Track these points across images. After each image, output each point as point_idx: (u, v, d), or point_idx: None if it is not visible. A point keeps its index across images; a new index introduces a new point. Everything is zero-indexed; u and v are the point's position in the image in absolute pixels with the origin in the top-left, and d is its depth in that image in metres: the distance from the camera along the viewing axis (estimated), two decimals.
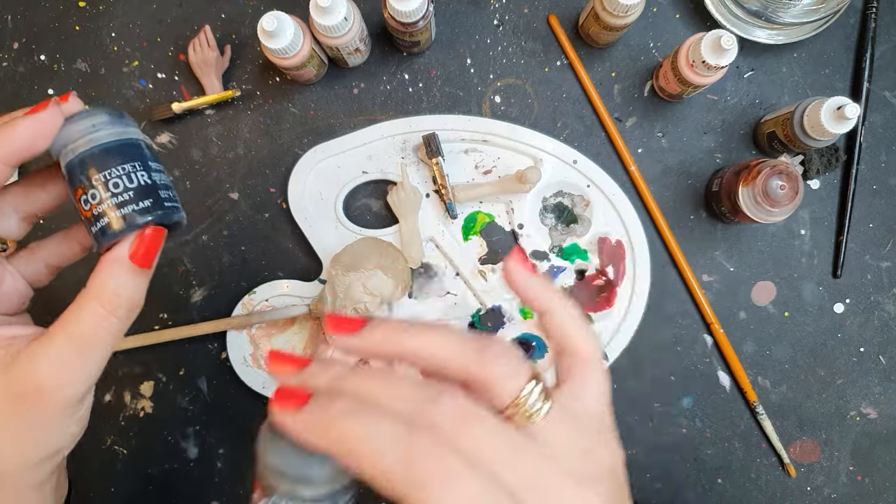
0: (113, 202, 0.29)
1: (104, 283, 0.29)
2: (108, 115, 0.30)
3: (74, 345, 0.29)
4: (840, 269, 0.55)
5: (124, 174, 0.30)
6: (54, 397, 0.29)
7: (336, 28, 0.46)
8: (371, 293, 0.51)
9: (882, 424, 0.55)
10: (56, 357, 0.29)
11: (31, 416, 0.29)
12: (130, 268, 0.29)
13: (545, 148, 0.53)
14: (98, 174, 0.29)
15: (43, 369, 0.29)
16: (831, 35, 0.55)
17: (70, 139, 0.30)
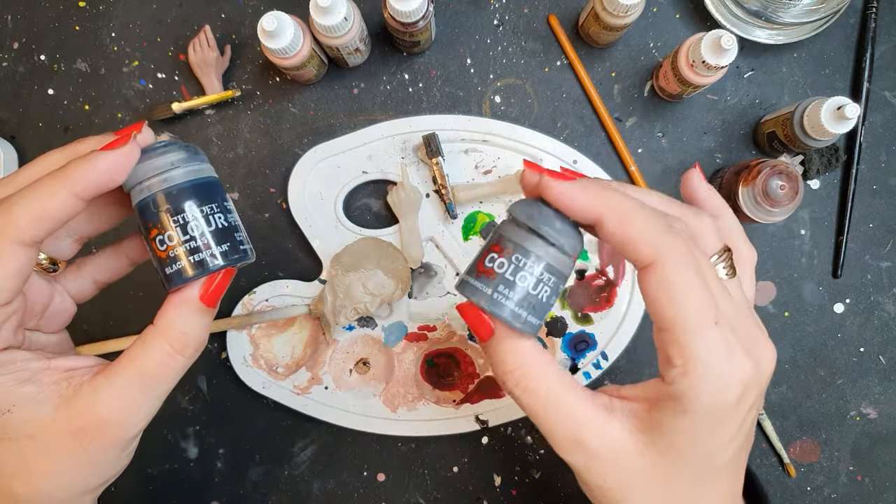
0: (189, 246, 0.29)
1: (173, 322, 0.30)
2: (185, 151, 0.30)
3: (141, 381, 0.30)
4: (840, 269, 0.55)
5: (202, 216, 0.29)
6: (115, 432, 0.30)
7: (336, 28, 0.46)
8: (371, 293, 0.51)
9: (882, 424, 0.55)
10: (121, 392, 0.29)
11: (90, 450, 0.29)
12: (200, 308, 0.30)
13: (545, 148, 0.53)
14: (176, 216, 0.29)
15: (107, 404, 0.29)
16: (831, 35, 0.55)
17: (144, 175, 0.29)
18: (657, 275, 0.27)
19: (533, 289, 0.30)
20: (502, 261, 0.30)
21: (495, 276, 0.30)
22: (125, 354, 0.30)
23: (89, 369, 0.30)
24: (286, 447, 0.55)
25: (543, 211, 0.30)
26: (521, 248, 0.30)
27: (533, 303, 0.30)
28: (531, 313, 0.30)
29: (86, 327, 0.55)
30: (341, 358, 0.54)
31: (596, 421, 0.29)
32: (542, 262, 0.30)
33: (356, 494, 0.55)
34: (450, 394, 0.54)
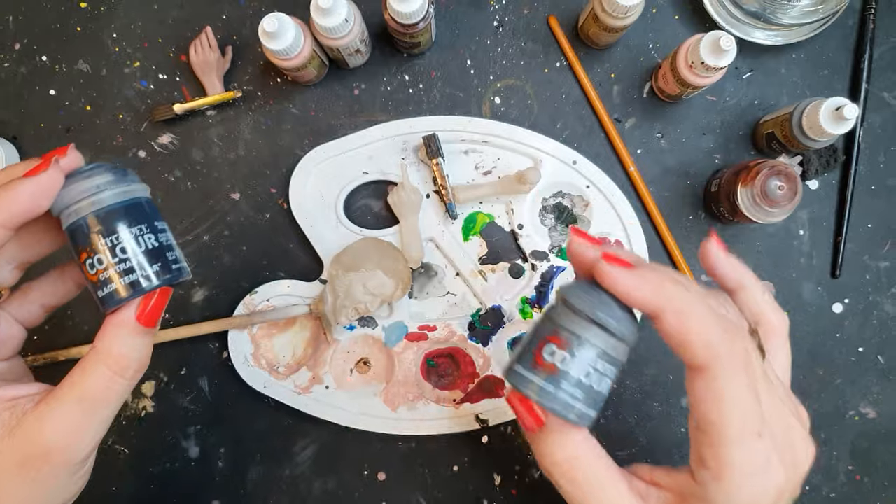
0: (120, 268, 0.29)
1: (111, 346, 0.29)
2: (112, 173, 0.29)
3: (83, 407, 0.29)
4: (839, 269, 0.55)
5: (132, 237, 0.29)
6: (62, 458, 0.29)
7: (337, 29, 0.47)
8: (371, 293, 0.51)
9: (881, 424, 0.55)
10: (64, 419, 0.29)
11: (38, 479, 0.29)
12: (137, 329, 0.29)
13: (545, 148, 0.53)
14: (104, 239, 0.29)
15: (51, 431, 0.29)
16: (830, 36, 0.55)
17: (72, 199, 0.29)
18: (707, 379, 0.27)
19: (597, 384, 0.29)
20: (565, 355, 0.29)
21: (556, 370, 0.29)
22: (66, 380, 0.29)
23: (32, 397, 0.30)
24: (287, 447, 0.55)
25: (603, 299, 0.29)
26: (580, 338, 0.29)
27: (589, 394, 0.29)
28: (591, 408, 0.29)
29: (86, 328, 0.55)
30: (342, 358, 0.54)
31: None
32: (602, 352, 0.29)
33: (357, 494, 0.55)
34: (450, 393, 0.54)
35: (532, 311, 0.54)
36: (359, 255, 0.51)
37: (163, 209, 0.55)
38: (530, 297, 0.54)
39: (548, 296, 0.54)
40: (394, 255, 0.52)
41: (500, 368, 0.54)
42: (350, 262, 0.51)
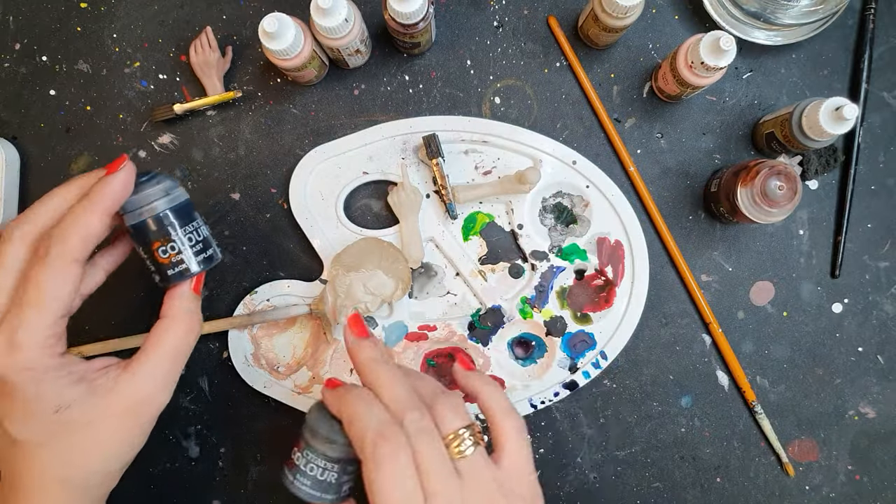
0: (191, 252, 0.39)
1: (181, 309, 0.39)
2: (171, 180, 0.39)
3: (169, 358, 0.38)
4: (838, 269, 0.55)
5: (194, 230, 0.40)
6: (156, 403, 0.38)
7: (337, 29, 0.47)
8: (371, 293, 0.51)
9: (880, 424, 0.55)
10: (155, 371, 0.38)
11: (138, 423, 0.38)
12: (194, 297, 0.40)
13: (545, 149, 0.53)
14: (178, 230, 0.39)
15: (146, 382, 0.37)
16: (830, 36, 0.55)
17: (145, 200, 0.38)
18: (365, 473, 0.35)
19: (321, 475, 0.40)
20: (299, 454, 0.41)
21: (294, 467, 0.41)
22: (149, 343, 0.38)
23: (117, 364, 0.38)
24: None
25: (324, 413, 0.40)
26: (309, 445, 0.40)
27: (323, 485, 0.40)
28: (324, 492, 0.40)
29: (87, 327, 0.55)
30: (342, 357, 0.54)
31: None
32: (324, 455, 0.40)
33: (357, 493, 0.55)
34: None
35: (532, 311, 0.54)
36: (359, 254, 0.52)
37: None
38: (530, 297, 0.54)
39: (548, 296, 0.54)
40: (394, 255, 0.52)
41: (500, 368, 0.54)
42: (350, 261, 0.51)
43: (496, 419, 0.39)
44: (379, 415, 0.36)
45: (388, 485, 0.35)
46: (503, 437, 0.39)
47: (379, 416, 0.36)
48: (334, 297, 0.51)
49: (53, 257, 0.34)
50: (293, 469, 0.41)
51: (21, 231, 0.36)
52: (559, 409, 0.55)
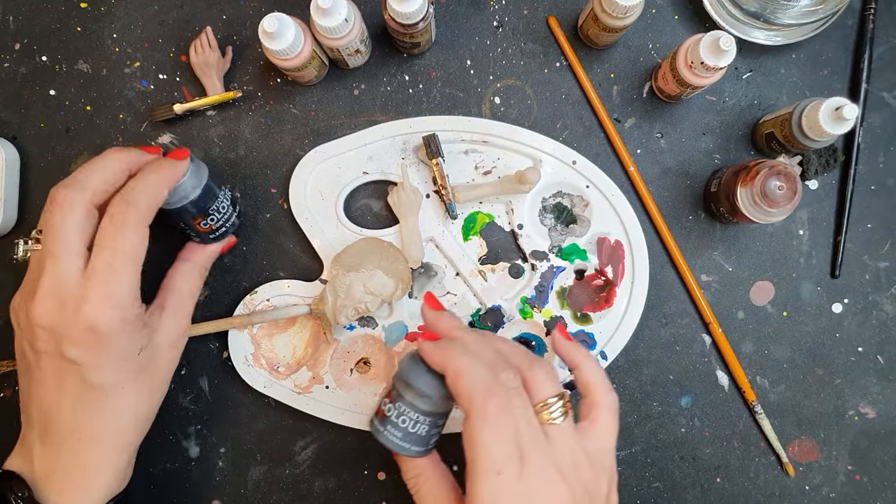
0: (223, 220, 0.49)
1: (200, 263, 0.49)
2: (196, 164, 0.46)
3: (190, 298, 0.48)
4: (838, 269, 0.55)
5: (223, 202, 0.48)
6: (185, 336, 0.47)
7: (337, 29, 0.47)
8: (372, 293, 0.51)
9: (880, 424, 0.55)
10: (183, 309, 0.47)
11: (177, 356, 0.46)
12: (215, 255, 0.51)
13: (544, 149, 0.53)
14: (213, 204, 0.47)
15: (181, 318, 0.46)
16: (830, 36, 0.55)
17: (182, 190, 0.45)
18: (467, 425, 0.36)
19: (412, 428, 0.41)
20: (390, 406, 0.41)
21: (385, 417, 0.41)
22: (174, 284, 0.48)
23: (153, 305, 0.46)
24: (287, 446, 0.55)
25: (418, 367, 0.41)
26: (401, 397, 0.41)
27: (413, 437, 0.41)
28: (413, 444, 0.41)
29: None
30: (342, 357, 0.54)
31: None
32: (417, 407, 0.40)
33: (357, 493, 0.55)
34: None
35: (532, 311, 0.54)
36: (359, 254, 0.52)
37: None
38: (530, 296, 0.54)
39: (547, 296, 0.54)
40: (394, 255, 0.52)
41: None
42: (350, 262, 0.51)
43: (596, 393, 0.40)
44: (485, 370, 0.37)
45: (494, 440, 0.35)
46: (597, 410, 0.40)
47: (485, 372, 0.37)
48: (334, 297, 0.51)
49: (134, 222, 0.40)
50: (384, 420, 0.41)
51: (81, 198, 0.39)
52: None
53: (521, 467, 0.35)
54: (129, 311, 0.40)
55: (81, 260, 0.39)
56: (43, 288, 0.39)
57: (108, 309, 0.39)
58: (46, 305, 0.39)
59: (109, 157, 0.42)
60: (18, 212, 0.55)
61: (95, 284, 0.39)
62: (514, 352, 0.41)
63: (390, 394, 0.42)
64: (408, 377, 0.40)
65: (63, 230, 0.39)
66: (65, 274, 0.39)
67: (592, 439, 0.39)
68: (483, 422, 0.35)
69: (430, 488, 0.41)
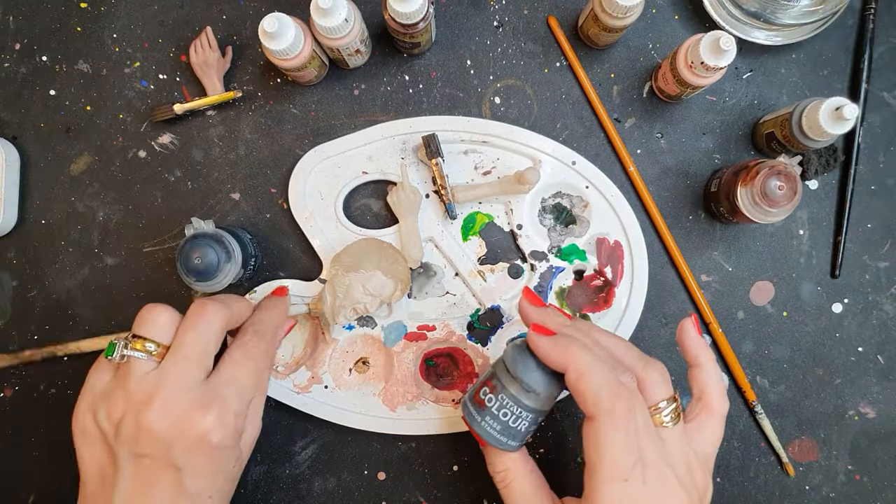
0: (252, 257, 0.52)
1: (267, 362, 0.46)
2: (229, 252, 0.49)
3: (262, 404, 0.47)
4: (838, 269, 0.55)
5: (248, 246, 0.52)
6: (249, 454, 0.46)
7: (337, 29, 0.47)
8: (371, 294, 0.51)
9: (880, 424, 0.55)
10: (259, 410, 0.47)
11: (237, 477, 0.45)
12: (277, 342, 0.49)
13: (544, 149, 0.53)
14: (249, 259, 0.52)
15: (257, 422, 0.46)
16: (830, 36, 0.55)
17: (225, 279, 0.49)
18: (591, 427, 0.35)
19: (513, 422, 0.39)
20: (491, 396, 0.39)
21: (485, 407, 0.39)
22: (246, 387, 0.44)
23: None
24: (287, 446, 0.55)
25: (527, 361, 0.39)
26: (505, 389, 0.39)
27: (512, 432, 0.39)
28: (511, 439, 0.39)
29: (87, 327, 0.55)
30: (341, 357, 0.54)
31: None
32: (521, 403, 0.38)
33: (357, 493, 0.55)
34: (449, 393, 0.54)
35: None
36: (358, 255, 0.52)
37: (163, 209, 0.55)
38: None
39: (547, 296, 0.54)
40: (393, 255, 0.52)
41: None
42: (349, 262, 0.51)
43: (713, 398, 0.40)
44: (608, 371, 0.36)
45: (622, 445, 0.35)
46: (711, 415, 0.39)
47: (609, 373, 0.36)
48: (333, 296, 0.51)
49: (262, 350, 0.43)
50: (483, 409, 0.39)
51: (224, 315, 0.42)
52: (559, 409, 0.55)
53: (643, 473, 0.35)
54: (241, 421, 0.41)
55: (207, 369, 0.41)
56: (165, 393, 0.39)
57: (224, 424, 0.40)
58: (166, 413, 0.38)
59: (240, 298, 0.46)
60: (18, 212, 0.55)
61: (222, 392, 0.40)
62: (627, 351, 0.39)
63: (490, 382, 0.40)
64: (516, 370, 0.38)
65: (202, 342, 0.40)
66: (191, 380, 0.39)
67: (700, 443, 0.39)
68: (612, 426, 0.35)
69: (520, 483, 0.40)
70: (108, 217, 0.55)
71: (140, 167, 0.55)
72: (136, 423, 0.38)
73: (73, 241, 0.55)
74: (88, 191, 0.55)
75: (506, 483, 0.41)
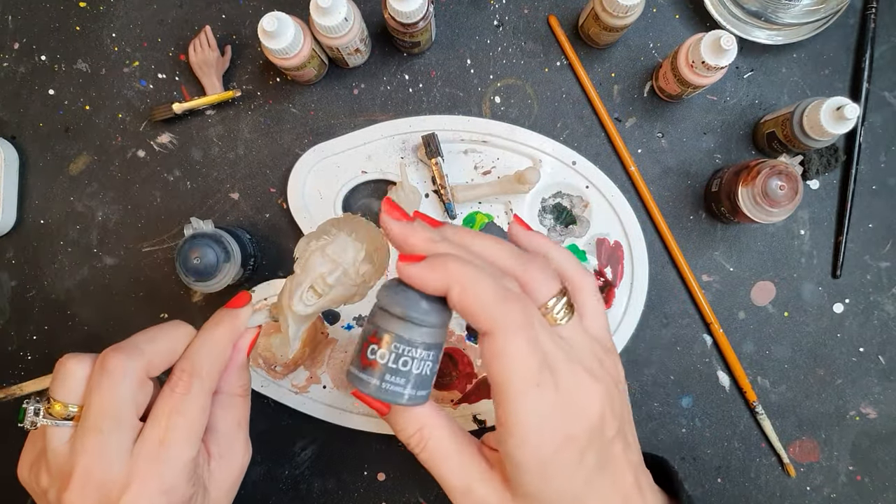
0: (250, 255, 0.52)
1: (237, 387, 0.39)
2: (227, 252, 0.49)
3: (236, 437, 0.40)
4: (839, 269, 0.55)
5: (247, 246, 0.52)
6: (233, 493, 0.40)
7: (336, 28, 0.46)
8: (332, 259, 0.40)
9: (881, 424, 0.55)
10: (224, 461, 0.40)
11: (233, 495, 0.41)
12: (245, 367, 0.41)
13: (544, 149, 0.53)
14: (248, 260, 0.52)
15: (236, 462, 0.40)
16: (831, 35, 0.55)
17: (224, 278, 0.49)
18: (490, 343, 0.31)
19: (416, 368, 0.33)
20: (382, 351, 0.33)
21: (377, 366, 0.33)
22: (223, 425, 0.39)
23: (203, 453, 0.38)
24: (286, 447, 0.55)
25: (408, 294, 0.33)
26: (396, 335, 0.33)
27: (417, 379, 0.33)
28: (418, 388, 0.33)
29: (86, 327, 0.55)
30: (339, 357, 0.54)
31: (481, 473, 0.34)
32: (419, 343, 0.33)
33: (356, 494, 0.55)
34: (448, 393, 0.54)
35: None
36: (328, 224, 0.41)
37: (162, 209, 0.55)
38: None
39: None
40: (372, 229, 0.41)
41: None
42: (318, 231, 0.41)
43: (574, 278, 0.36)
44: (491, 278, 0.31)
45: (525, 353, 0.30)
46: (582, 294, 0.36)
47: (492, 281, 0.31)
48: (292, 278, 0.40)
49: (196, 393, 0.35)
50: (375, 369, 0.33)
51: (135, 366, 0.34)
52: None
53: (553, 378, 0.31)
54: (180, 494, 0.35)
55: (132, 434, 0.34)
56: (81, 471, 0.33)
57: (156, 495, 0.34)
58: (85, 492, 0.33)
59: (175, 326, 0.37)
60: (18, 212, 0.55)
61: (143, 466, 0.34)
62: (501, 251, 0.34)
63: (373, 338, 0.34)
64: (401, 308, 0.33)
65: (112, 404, 0.33)
66: (109, 454, 0.33)
67: (593, 328, 0.35)
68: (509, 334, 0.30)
69: (440, 438, 0.35)
70: (107, 217, 0.55)
71: (139, 167, 0.55)
72: (59, 499, 0.34)
73: (72, 240, 0.55)
74: (87, 190, 0.55)
75: (423, 444, 0.35)
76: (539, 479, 0.31)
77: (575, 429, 0.31)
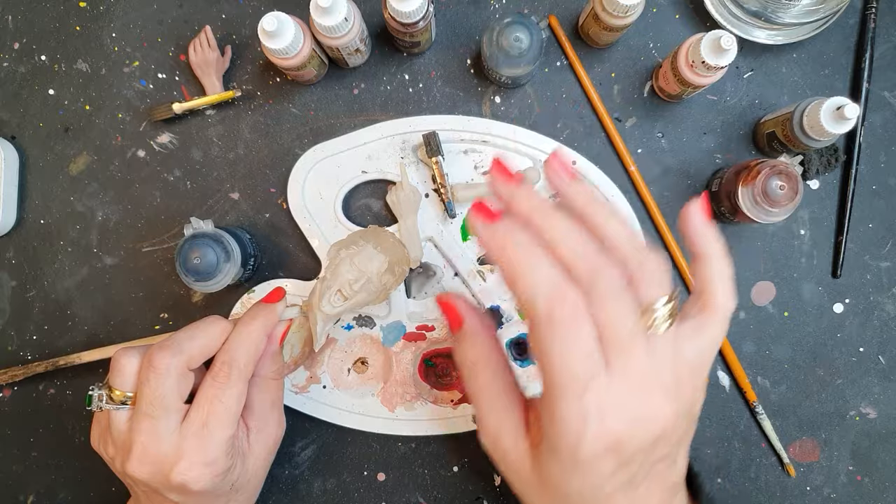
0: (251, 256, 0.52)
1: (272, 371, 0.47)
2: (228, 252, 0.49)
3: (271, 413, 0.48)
4: (839, 269, 0.55)
5: (247, 246, 0.52)
6: (267, 465, 0.49)
7: (336, 28, 0.46)
8: (358, 268, 0.47)
9: (881, 424, 0.55)
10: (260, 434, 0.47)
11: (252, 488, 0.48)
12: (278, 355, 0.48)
13: (544, 149, 0.53)
14: (249, 259, 0.52)
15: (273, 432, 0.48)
16: (831, 35, 0.55)
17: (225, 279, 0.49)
18: (535, 335, 0.30)
19: None
20: None
21: None
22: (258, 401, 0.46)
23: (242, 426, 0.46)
24: (286, 446, 0.55)
25: None
26: None
27: None
28: None
29: (86, 327, 0.55)
30: (339, 357, 0.54)
31: (515, 429, 0.33)
32: None
33: (356, 494, 0.55)
34: (448, 393, 0.54)
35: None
36: (357, 235, 0.49)
37: (162, 209, 0.55)
38: None
39: None
40: (392, 240, 0.50)
41: None
42: (347, 240, 0.49)
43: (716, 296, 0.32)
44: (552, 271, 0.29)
45: (569, 355, 0.29)
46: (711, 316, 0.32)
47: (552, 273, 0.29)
48: (322, 282, 0.47)
49: (234, 381, 0.42)
50: None
51: (177, 362, 0.40)
52: None
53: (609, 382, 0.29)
54: (220, 465, 0.41)
55: (178, 416, 0.41)
56: (139, 448, 0.40)
57: (200, 467, 0.40)
58: (143, 465, 0.40)
59: (211, 323, 0.43)
60: (18, 212, 0.55)
61: (189, 444, 0.40)
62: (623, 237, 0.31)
63: None
64: None
65: (159, 394, 0.40)
66: (160, 434, 0.40)
67: (689, 347, 0.31)
68: (552, 333, 0.29)
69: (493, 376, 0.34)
70: (107, 217, 0.55)
71: (139, 167, 0.55)
72: (123, 468, 0.41)
73: (71, 240, 0.55)
74: (87, 190, 0.55)
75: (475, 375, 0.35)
76: (564, 470, 0.30)
77: (625, 439, 0.29)
